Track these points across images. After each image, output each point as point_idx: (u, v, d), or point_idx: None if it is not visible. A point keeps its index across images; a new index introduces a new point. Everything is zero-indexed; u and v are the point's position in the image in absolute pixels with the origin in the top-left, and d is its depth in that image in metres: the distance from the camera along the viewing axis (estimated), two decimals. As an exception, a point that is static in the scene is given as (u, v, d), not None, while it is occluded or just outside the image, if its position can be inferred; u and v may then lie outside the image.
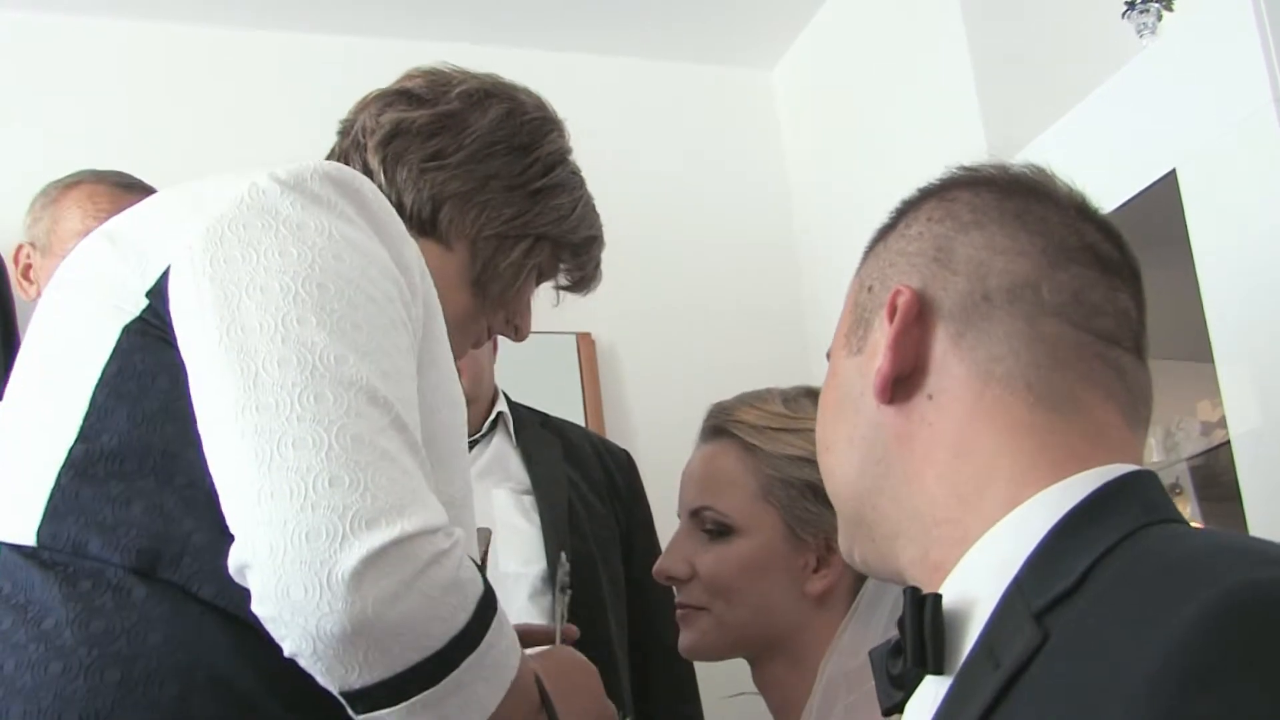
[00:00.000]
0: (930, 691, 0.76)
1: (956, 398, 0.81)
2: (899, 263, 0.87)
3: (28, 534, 0.96)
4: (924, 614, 0.76)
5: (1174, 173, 1.79)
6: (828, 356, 0.93)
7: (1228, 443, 1.73)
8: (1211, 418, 1.98)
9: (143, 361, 0.99)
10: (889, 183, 0.95)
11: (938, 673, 0.75)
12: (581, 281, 1.40)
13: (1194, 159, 1.76)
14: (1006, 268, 0.83)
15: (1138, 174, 1.84)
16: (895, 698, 0.80)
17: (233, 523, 0.90)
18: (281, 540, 0.86)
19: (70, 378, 1.00)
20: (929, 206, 0.88)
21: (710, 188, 2.97)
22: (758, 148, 3.08)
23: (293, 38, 2.75)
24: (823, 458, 0.91)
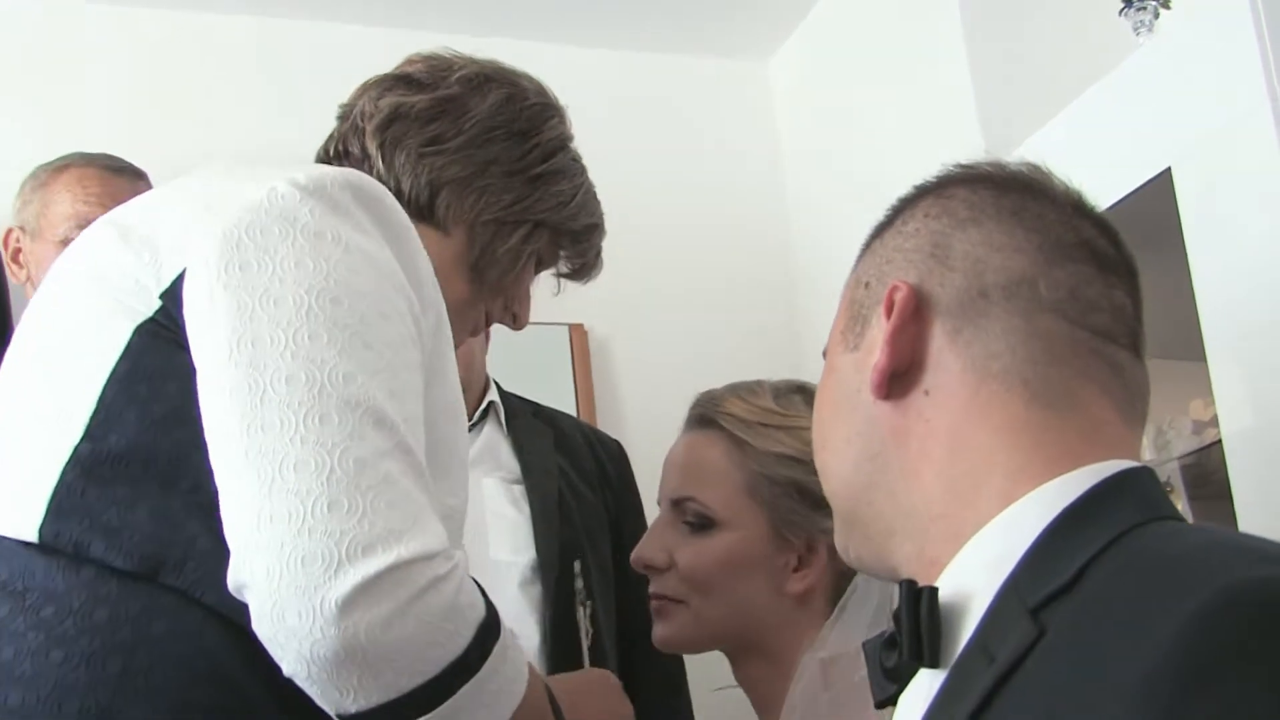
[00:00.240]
0: (924, 685, 0.76)
1: (953, 394, 0.82)
2: (896, 259, 0.87)
3: (29, 530, 0.95)
4: (920, 607, 0.76)
5: (1169, 171, 1.78)
6: (824, 355, 0.94)
7: (1219, 442, 1.73)
8: (1203, 417, 1.98)
9: (154, 363, 0.98)
10: (884, 176, 0.95)
11: (932, 666, 0.76)
12: (582, 269, 1.39)
13: (1189, 157, 1.76)
14: (1004, 264, 0.83)
15: (1133, 172, 1.84)
16: (889, 690, 0.80)
17: (232, 542, 0.90)
18: (278, 564, 0.87)
19: (77, 373, 0.99)
20: (926, 203, 0.89)
21: (706, 179, 2.97)
22: (754, 139, 3.07)
23: (288, 24, 2.74)
24: (819, 455, 0.91)
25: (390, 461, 0.91)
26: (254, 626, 0.89)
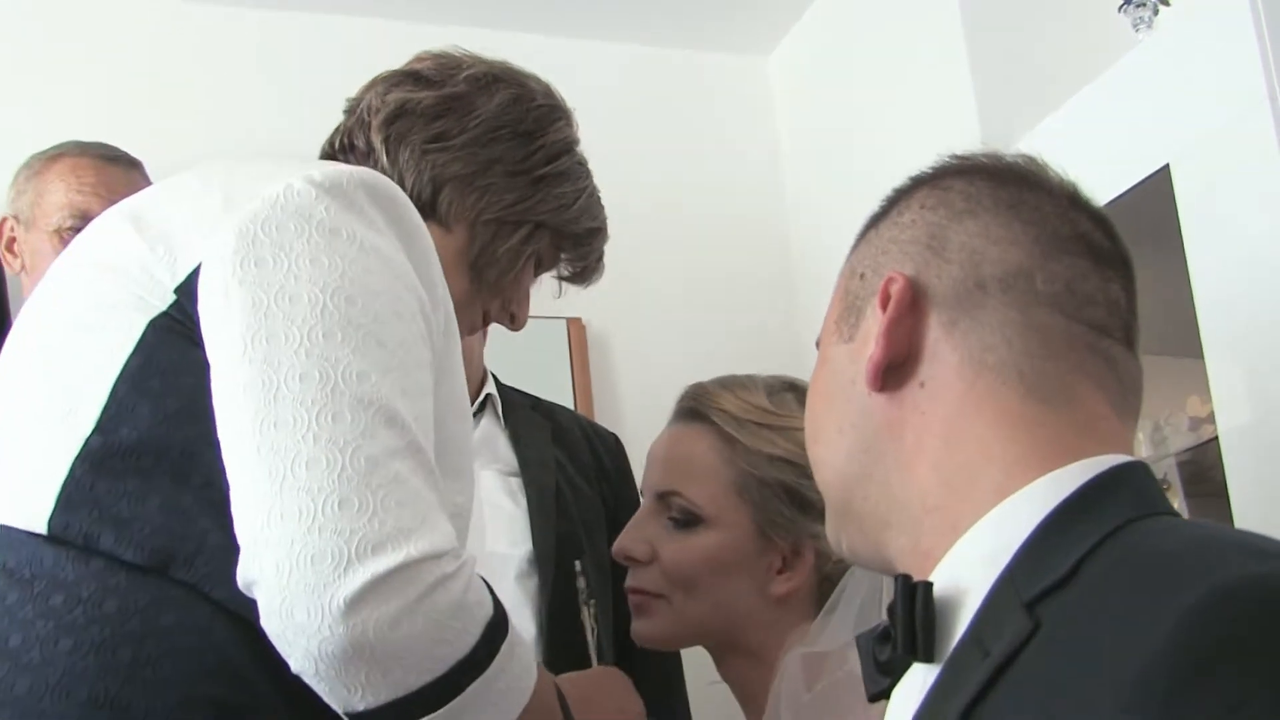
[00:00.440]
0: (918, 679, 0.76)
1: (948, 386, 0.81)
2: (892, 250, 0.87)
3: (38, 522, 0.95)
4: (915, 601, 0.76)
5: (1167, 168, 1.79)
6: (817, 345, 0.93)
7: (1216, 439, 1.73)
8: (1200, 413, 1.98)
9: (167, 358, 0.98)
10: (883, 172, 0.94)
11: (927, 661, 0.75)
12: (583, 273, 1.40)
13: (1188, 154, 1.76)
14: (1001, 256, 0.83)
15: (1131, 168, 1.84)
16: (882, 684, 0.80)
17: (242, 538, 0.90)
18: (287, 562, 0.87)
19: (89, 365, 0.99)
20: (922, 194, 0.88)
21: (705, 174, 2.97)
22: (753, 135, 3.07)
23: (289, 17, 2.74)
24: (812, 447, 0.91)
25: (401, 460, 0.91)
26: (263, 623, 0.89)
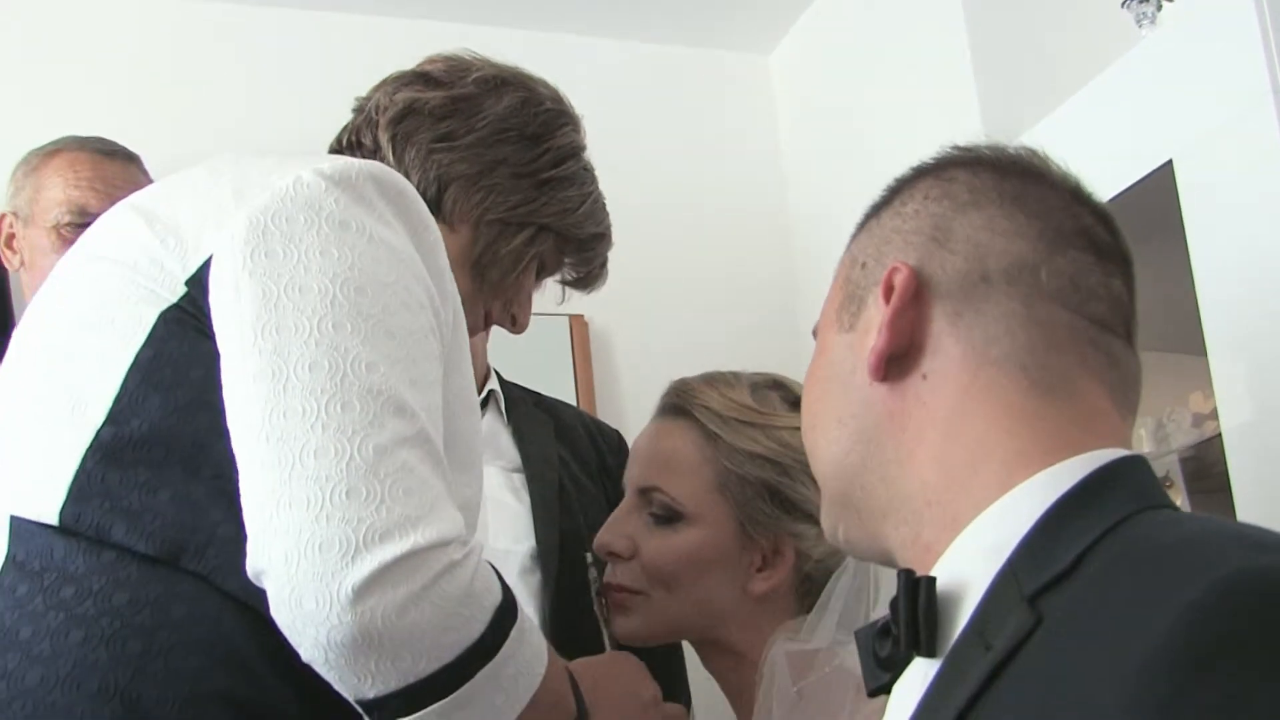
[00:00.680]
0: (919, 673, 0.76)
1: (951, 378, 0.81)
2: (895, 240, 0.87)
3: (49, 514, 0.96)
4: (917, 596, 0.76)
5: (1170, 163, 1.78)
6: (814, 334, 0.93)
7: (1219, 435, 1.73)
8: (1203, 409, 1.98)
9: (178, 350, 0.98)
10: (885, 169, 0.94)
11: (929, 656, 0.75)
12: (587, 278, 1.41)
13: (1191, 150, 1.75)
14: (1005, 249, 0.83)
15: (1134, 164, 1.84)
16: (882, 679, 0.79)
17: (251, 527, 0.90)
18: (296, 550, 0.87)
19: (101, 358, 1.00)
20: (925, 185, 0.88)
21: (706, 172, 2.96)
22: (754, 132, 3.07)
23: (290, 13, 2.74)
24: (809, 435, 0.91)
25: (409, 449, 0.92)
26: (272, 612, 0.89)
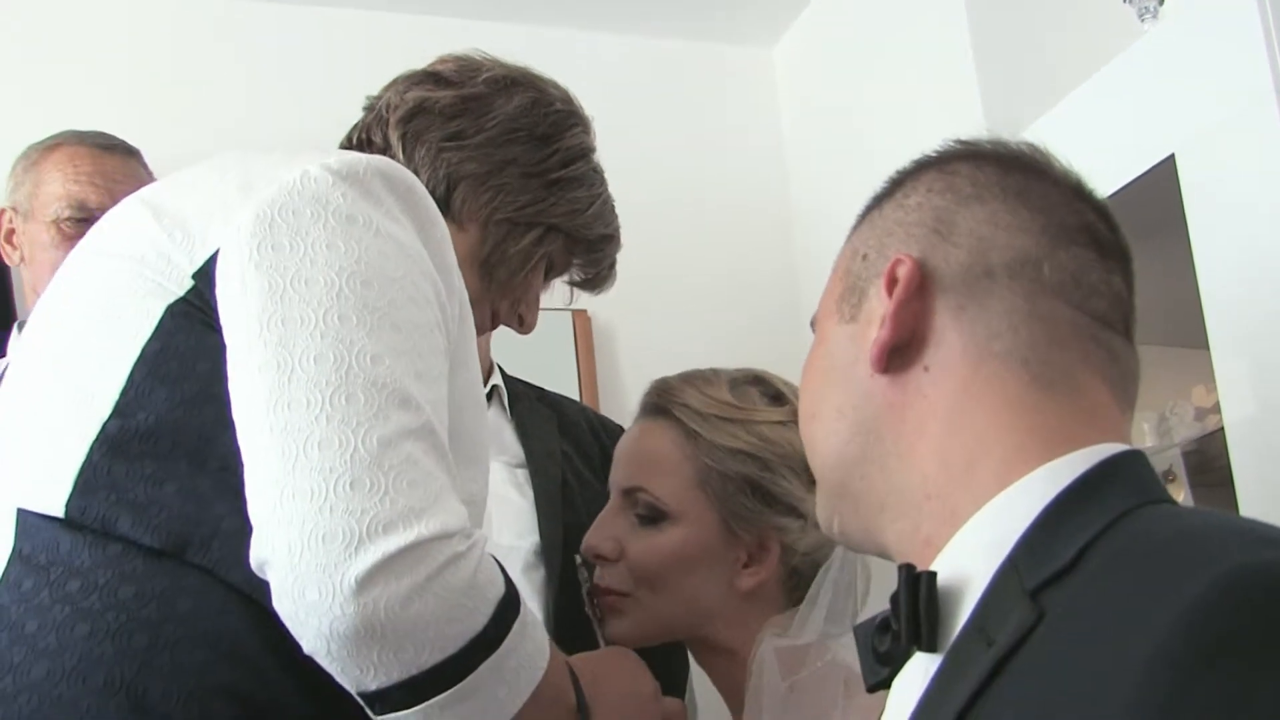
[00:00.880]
0: (919, 668, 0.76)
1: (952, 372, 0.81)
2: (897, 232, 0.87)
3: (56, 506, 0.96)
4: (919, 591, 0.76)
5: (1173, 158, 1.78)
6: (812, 324, 0.93)
7: (1221, 429, 1.73)
8: (1206, 403, 1.98)
9: (185, 343, 0.99)
10: (888, 163, 0.94)
11: (930, 650, 0.75)
12: (595, 279, 1.41)
13: (1193, 144, 1.75)
14: (1008, 243, 0.83)
15: (1136, 158, 1.84)
16: (881, 674, 0.79)
17: (255, 518, 0.91)
18: (299, 541, 0.87)
19: (107, 351, 1.00)
20: (928, 178, 0.88)
21: (709, 166, 2.96)
22: (757, 126, 3.07)
23: (291, 9, 2.74)
24: (808, 426, 0.90)
25: (413, 441, 0.92)
26: (275, 604, 0.90)
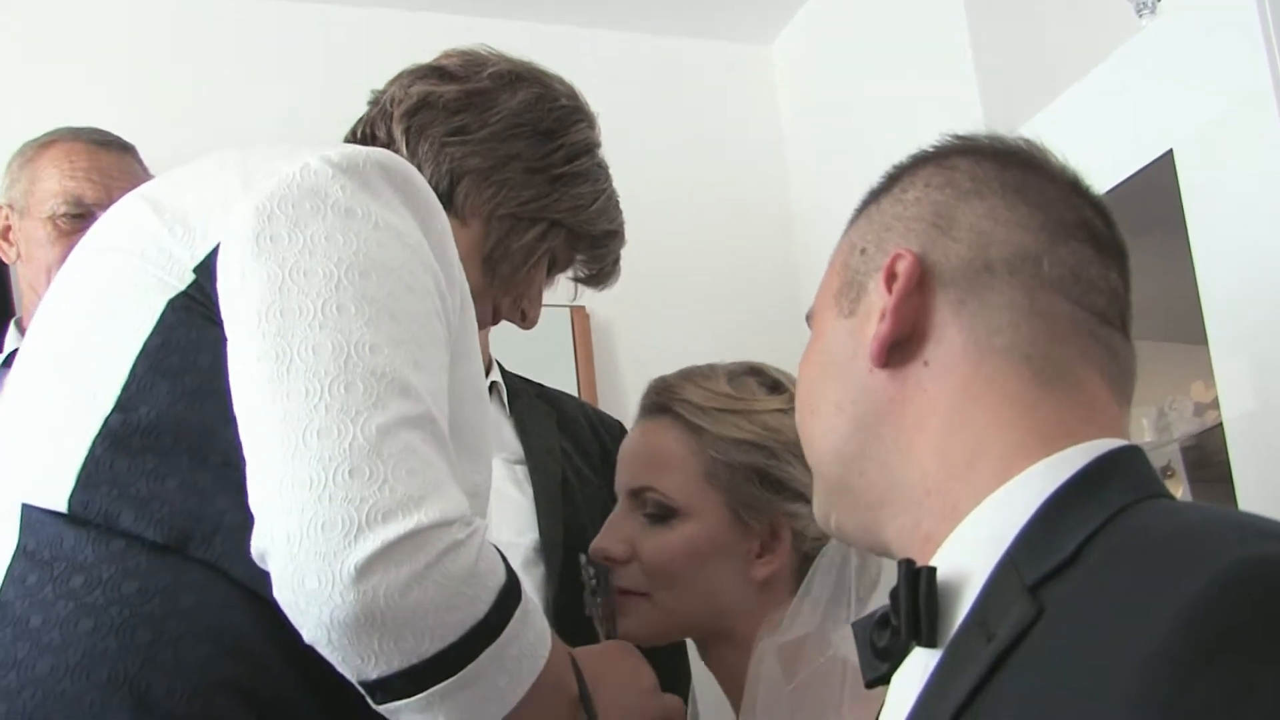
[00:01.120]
0: (919, 664, 0.76)
1: (952, 367, 0.81)
2: (896, 227, 0.87)
3: (59, 501, 0.96)
4: (919, 587, 0.76)
5: (1171, 153, 1.78)
6: (808, 319, 0.93)
7: (1220, 424, 1.73)
8: (1204, 399, 1.98)
9: (186, 337, 0.99)
10: (887, 159, 0.94)
11: (930, 646, 0.75)
12: (599, 275, 1.41)
13: (1191, 140, 1.75)
14: (1008, 239, 0.83)
15: (1134, 154, 1.84)
16: (880, 670, 0.79)
17: (255, 508, 0.91)
18: (299, 530, 0.87)
19: (109, 346, 1.00)
20: (927, 172, 0.88)
21: (708, 162, 2.96)
22: (756, 123, 3.06)
23: (289, 7, 2.73)
24: (806, 421, 0.90)
25: (412, 430, 0.92)
26: (275, 594, 0.90)
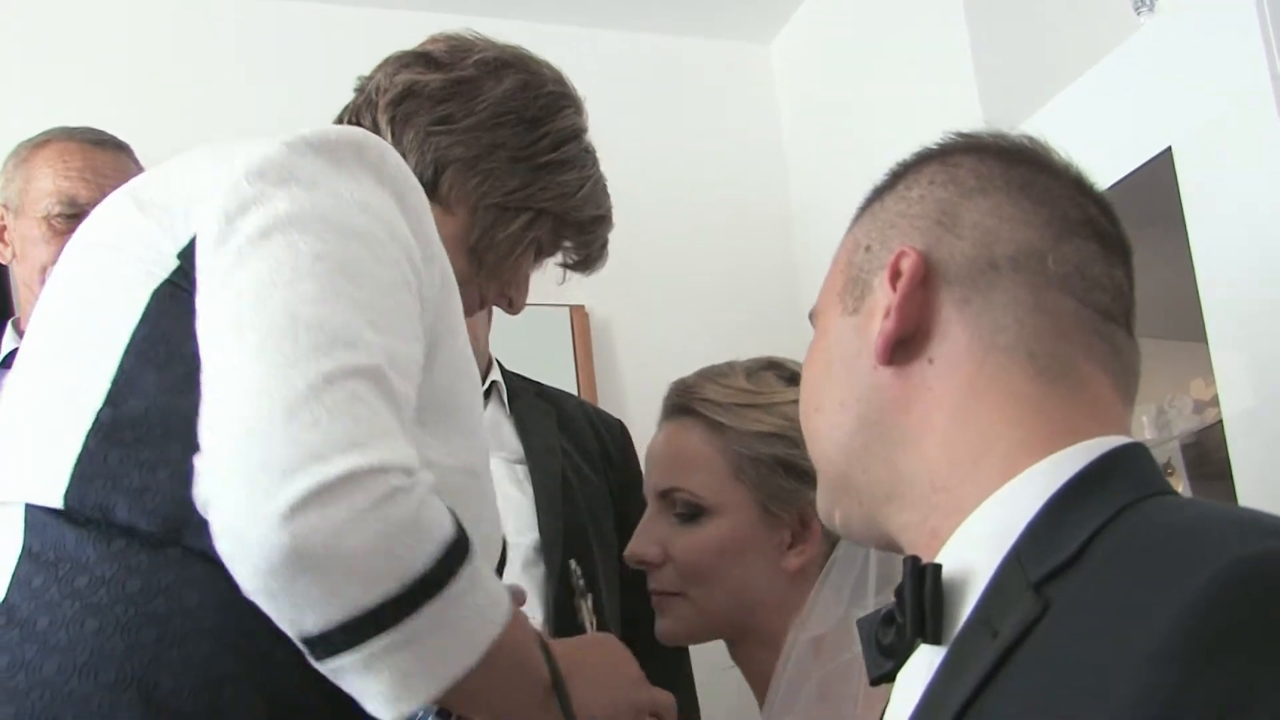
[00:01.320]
0: (924, 661, 0.76)
1: (957, 365, 0.81)
2: (900, 224, 0.86)
3: (55, 497, 0.96)
4: (924, 583, 0.76)
5: (1170, 151, 1.78)
6: (811, 318, 0.93)
7: (1220, 422, 1.73)
8: (1204, 396, 1.98)
9: (172, 326, 0.99)
10: (886, 158, 0.94)
11: (935, 643, 0.75)
12: (586, 261, 1.40)
13: (1190, 137, 1.75)
14: (1013, 236, 0.83)
15: (1133, 151, 1.84)
16: (885, 667, 0.79)
17: (198, 460, 0.90)
18: (235, 475, 0.87)
19: (99, 341, 1.00)
20: (931, 170, 0.88)
21: (707, 161, 2.96)
22: (755, 122, 3.06)
23: (289, 6, 2.74)
24: (810, 418, 0.90)
25: (358, 380, 0.91)
26: (216, 545, 0.88)
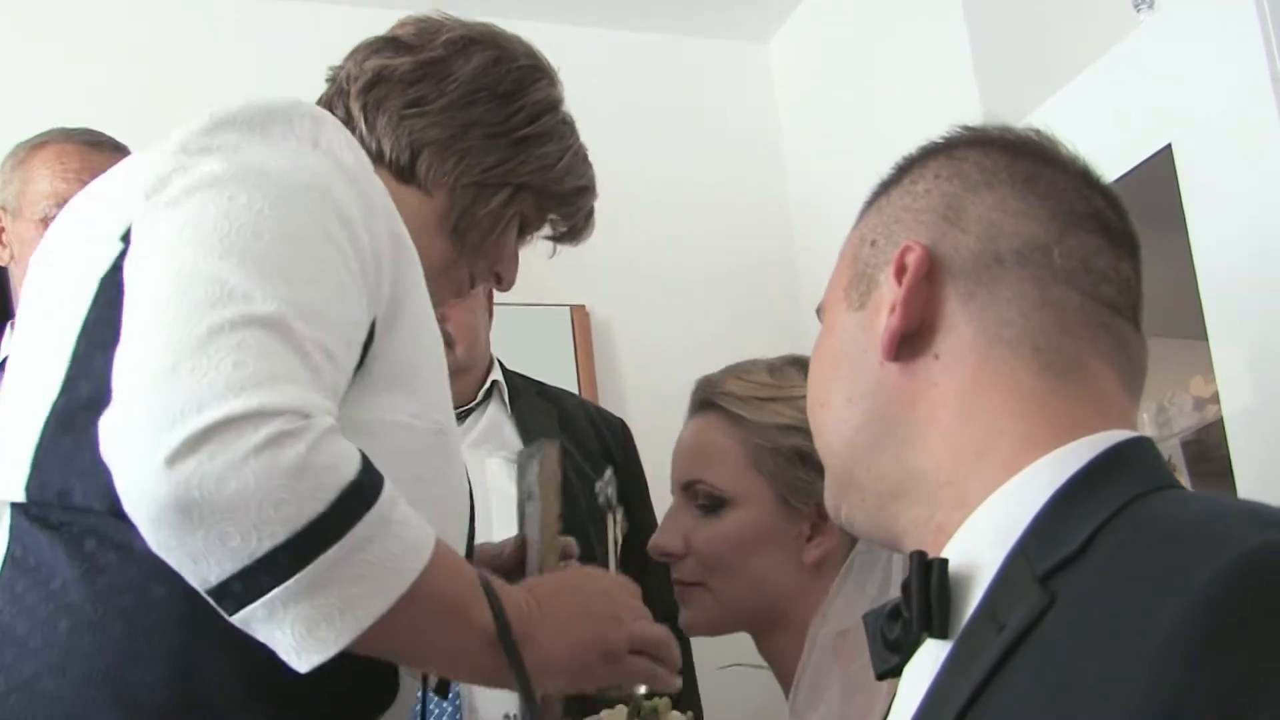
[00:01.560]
0: (930, 655, 0.76)
1: (963, 359, 0.81)
2: (905, 219, 0.86)
3: (18, 490, 0.98)
4: (931, 578, 0.75)
5: (1170, 147, 1.79)
6: (818, 313, 0.93)
7: (1220, 419, 1.73)
8: (1204, 394, 1.98)
9: (119, 307, 0.98)
10: (886, 155, 0.94)
11: (941, 637, 0.75)
12: (572, 232, 1.38)
13: (1190, 134, 1.75)
14: (1018, 230, 0.83)
15: (1134, 148, 1.84)
16: (890, 661, 0.79)
17: (101, 421, 0.90)
18: (123, 432, 0.88)
19: (58, 334, 1.01)
20: (936, 164, 0.88)
21: (706, 161, 2.97)
22: (754, 121, 3.07)
23: (289, 6, 2.74)
24: (817, 414, 0.90)
25: (252, 330, 0.90)
26: (125, 507, 0.88)
